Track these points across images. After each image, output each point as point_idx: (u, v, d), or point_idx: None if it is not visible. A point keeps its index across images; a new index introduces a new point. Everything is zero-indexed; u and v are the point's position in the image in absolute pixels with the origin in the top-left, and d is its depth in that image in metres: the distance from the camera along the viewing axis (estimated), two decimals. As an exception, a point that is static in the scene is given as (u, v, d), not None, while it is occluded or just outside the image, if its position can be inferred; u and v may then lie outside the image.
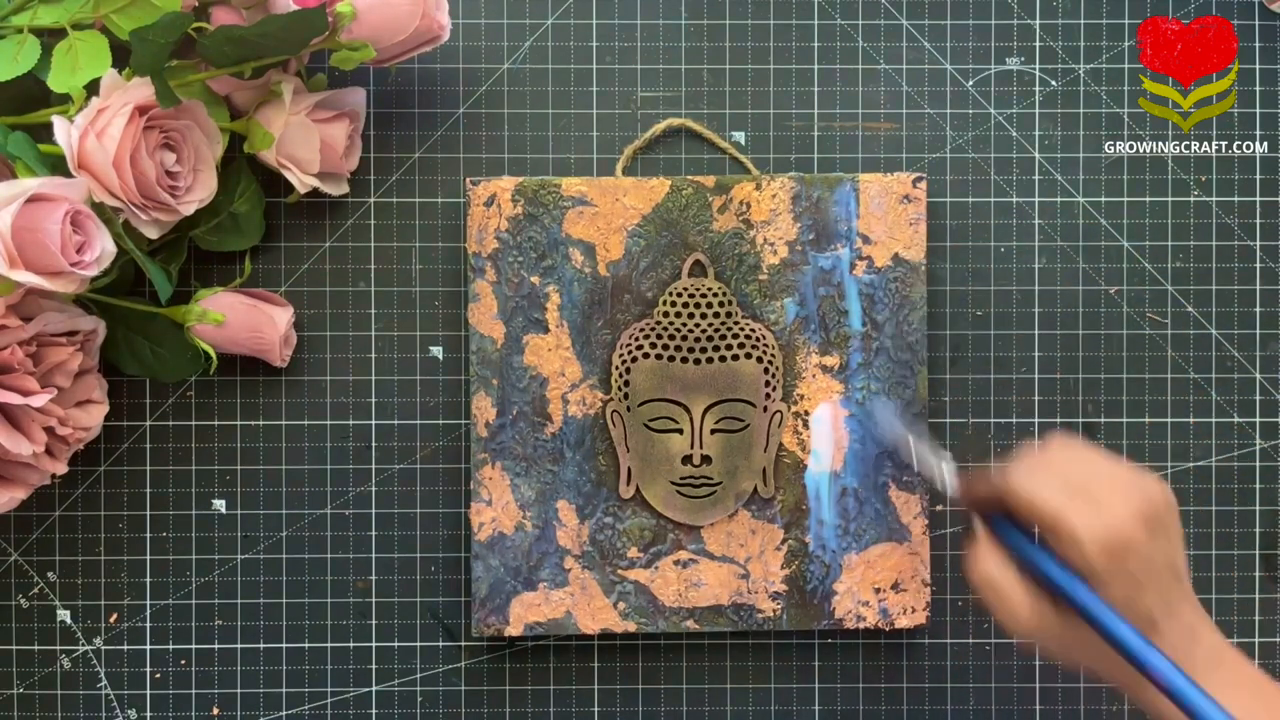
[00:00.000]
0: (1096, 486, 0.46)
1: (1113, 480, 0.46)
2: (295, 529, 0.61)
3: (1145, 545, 0.45)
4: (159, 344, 0.59)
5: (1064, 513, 0.45)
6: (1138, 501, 0.45)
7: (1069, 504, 0.45)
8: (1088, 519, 0.45)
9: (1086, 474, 0.46)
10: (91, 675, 0.61)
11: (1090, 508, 0.45)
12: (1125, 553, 0.44)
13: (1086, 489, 0.46)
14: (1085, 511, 0.45)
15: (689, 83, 0.61)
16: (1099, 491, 0.45)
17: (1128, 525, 0.45)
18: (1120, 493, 0.45)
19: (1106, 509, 0.45)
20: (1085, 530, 0.44)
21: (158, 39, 0.50)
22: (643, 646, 0.62)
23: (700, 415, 0.58)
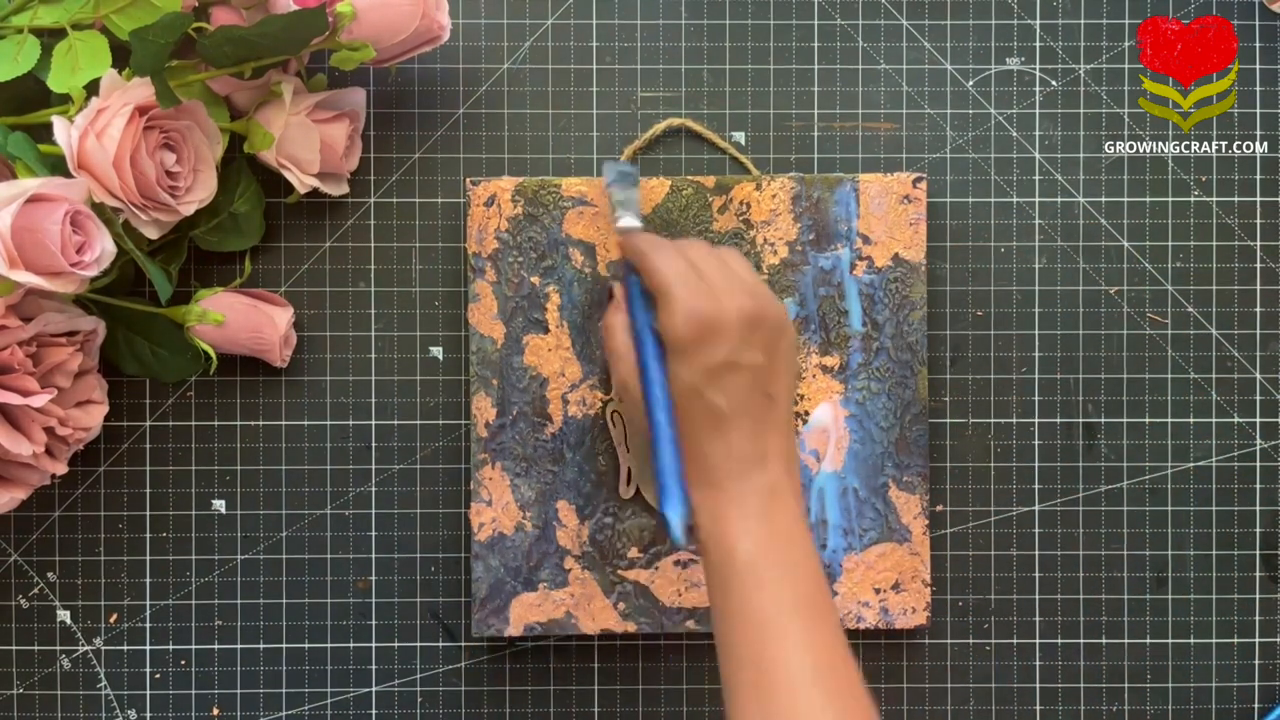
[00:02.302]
0: (717, 278, 0.47)
1: (737, 281, 0.47)
2: (295, 529, 0.61)
3: (735, 344, 0.46)
4: (159, 344, 0.59)
5: (672, 282, 0.46)
6: (748, 304, 0.46)
7: (681, 278, 0.46)
8: (691, 294, 0.46)
9: (716, 267, 0.48)
10: (91, 675, 0.61)
11: (700, 288, 0.46)
12: (712, 337, 0.45)
13: (707, 275, 0.47)
14: (693, 289, 0.46)
15: (689, 83, 0.61)
16: (717, 282, 0.47)
17: (725, 315, 0.46)
18: (736, 291, 0.47)
19: (710, 293, 0.46)
20: (682, 302, 0.46)
21: (158, 39, 0.50)
22: (643, 647, 0.62)
23: (700, 415, 0.58)
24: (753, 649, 0.44)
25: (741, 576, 0.44)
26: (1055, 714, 0.62)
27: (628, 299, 0.50)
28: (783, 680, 0.43)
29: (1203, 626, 0.62)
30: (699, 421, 0.46)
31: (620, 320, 0.49)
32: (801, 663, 0.43)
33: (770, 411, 0.47)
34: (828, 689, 0.43)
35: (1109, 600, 0.62)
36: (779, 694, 0.43)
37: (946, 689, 0.62)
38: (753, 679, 0.43)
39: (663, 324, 0.46)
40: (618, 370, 0.49)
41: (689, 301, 0.46)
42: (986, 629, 0.62)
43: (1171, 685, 0.62)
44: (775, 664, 0.43)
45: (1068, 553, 0.62)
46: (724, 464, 0.46)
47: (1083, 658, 0.62)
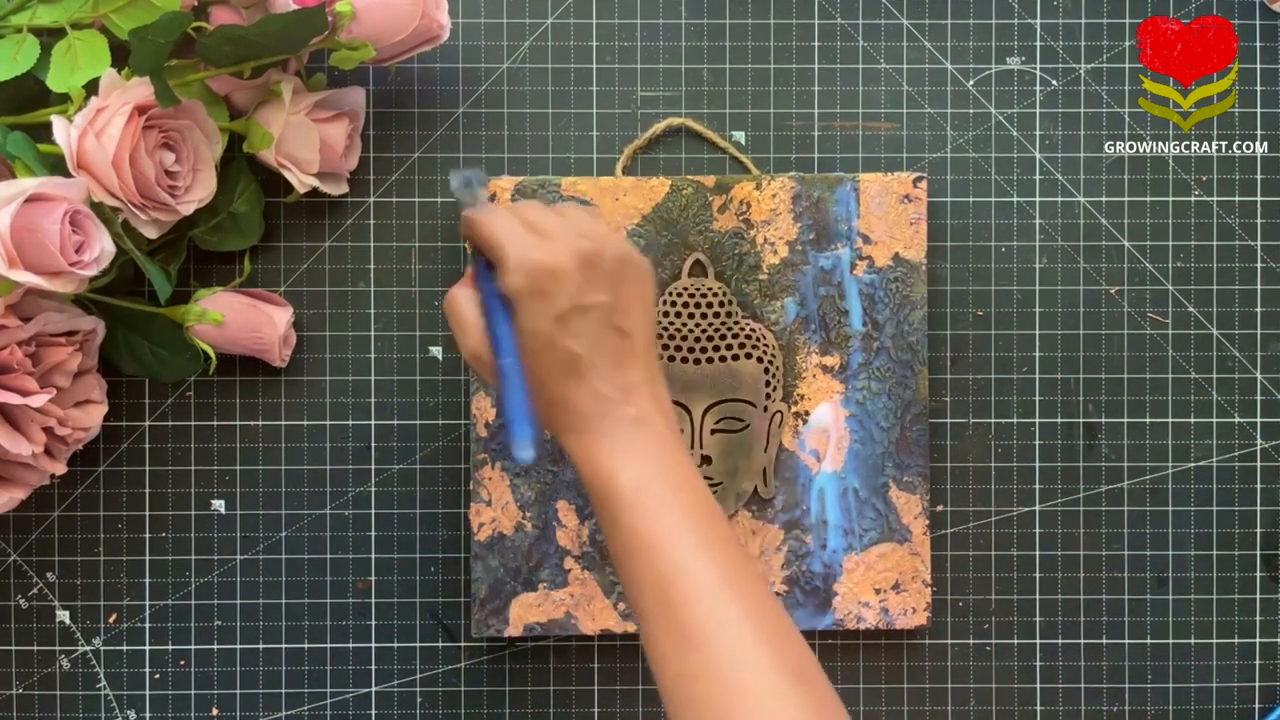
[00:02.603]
0: (551, 228, 0.47)
1: (570, 227, 0.47)
2: (295, 529, 0.61)
3: (576, 286, 0.46)
4: (158, 344, 0.59)
5: (505, 240, 0.46)
6: (583, 245, 0.46)
7: (514, 235, 0.46)
8: (524, 247, 0.46)
9: (550, 219, 0.48)
10: (91, 676, 0.61)
11: (531, 240, 0.46)
12: (551, 283, 0.45)
13: (539, 227, 0.47)
14: (525, 243, 0.46)
15: (689, 83, 0.61)
16: (550, 231, 0.47)
17: (559, 259, 0.46)
18: (570, 236, 0.47)
19: (544, 244, 0.46)
20: (515, 256, 0.46)
21: (157, 39, 0.50)
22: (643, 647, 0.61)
23: (700, 415, 0.58)
24: (652, 572, 0.44)
25: (627, 506, 0.45)
26: (1055, 714, 0.62)
27: (475, 275, 0.49)
28: (687, 594, 0.43)
29: (1203, 626, 0.62)
30: (556, 370, 0.46)
31: (465, 294, 0.49)
32: (703, 572, 0.43)
33: (626, 347, 0.47)
34: (734, 593, 0.43)
35: (1109, 600, 0.62)
36: (686, 608, 0.43)
37: (946, 689, 0.62)
38: (656, 600, 0.43)
39: (504, 283, 0.46)
40: (466, 344, 0.48)
41: (523, 254, 0.46)
42: (986, 629, 0.62)
43: (1171, 685, 0.62)
44: (676, 580, 0.43)
45: (1068, 553, 0.62)
46: (588, 406, 0.46)
47: (1083, 658, 0.62)
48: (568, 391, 0.46)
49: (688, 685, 0.42)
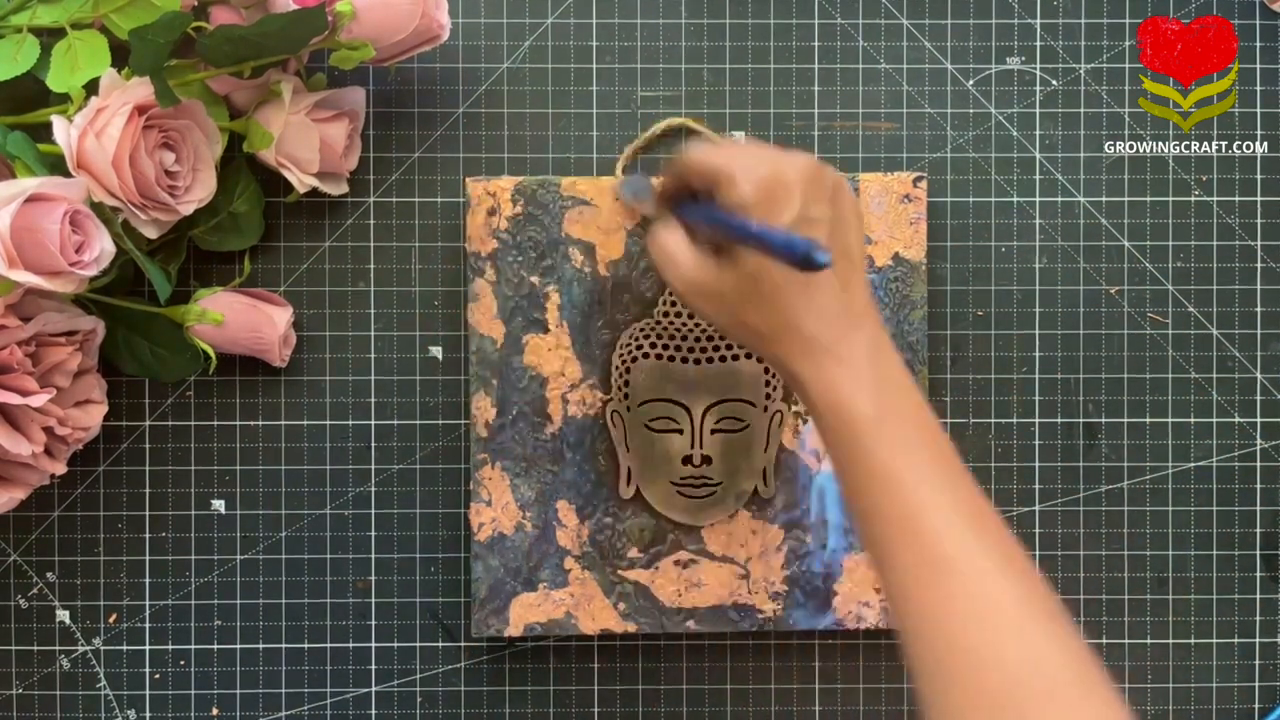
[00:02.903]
0: (764, 150, 0.48)
1: (784, 153, 0.47)
2: (295, 529, 0.61)
3: (803, 199, 0.46)
4: (158, 344, 0.59)
5: (726, 162, 0.47)
6: (803, 161, 0.46)
7: (737, 155, 0.47)
8: (749, 164, 0.46)
9: (757, 145, 0.49)
10: (91, 676, 0.61)
11: (754, 157, 0.46)
12: (781, 193, 0.45)
13: (753, 150, 0.48)
14: (749, 159, 0.46)
15: (689, 83, 0.61)
16: (766, 152, 0.47)
17: (786, 173, 0.46)
18: (787, 154, 0.47)
19: (768, 159, 0.46)
20: (742, 171, 0.46)
21: (157, 38, 0.50)
22: (643, 647, 0.61)
23: (700, 415, 0.58)
24: (897, 504, 0.44)
25: (869, 435, 0.44)
26: (1055, 714, 0.62)
27: (684, 217, 0.49)
28: (936, 526, 0.43)
29: (1203, 626, 0.62)
30: (782, 288, 0.45)
31: (665, 231, 0.49)
32: (947, 507, 0.43)
33: (848, 267, 0.47)
34: (978, 530, 0.43)
35: (1109, 600, 0.62)
36: (929, 540, 0.43)
37: (946, 689, 0.62)
38: (901, 531, 0.43)
39: (729, 199, 0.46)
40: (680, 274, 0.48)
41: (750, 170, 0.46)
42: (986, 629, 0.62)
43: (1171, 685, 0.62)
44: (923, 513, 0.43)
45: (1068, 553, 0.62)
46: (818, 326, 0.45)
47: (1083, 658, 0.62)
48: (795, 310, 0.45)
49: (940, 607, 0.42)
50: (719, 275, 0.47)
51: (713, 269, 0.47)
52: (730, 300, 0.47)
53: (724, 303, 0.47)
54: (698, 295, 0.48)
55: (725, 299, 0.47)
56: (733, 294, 0.47)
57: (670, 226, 0.49)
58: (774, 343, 0.46)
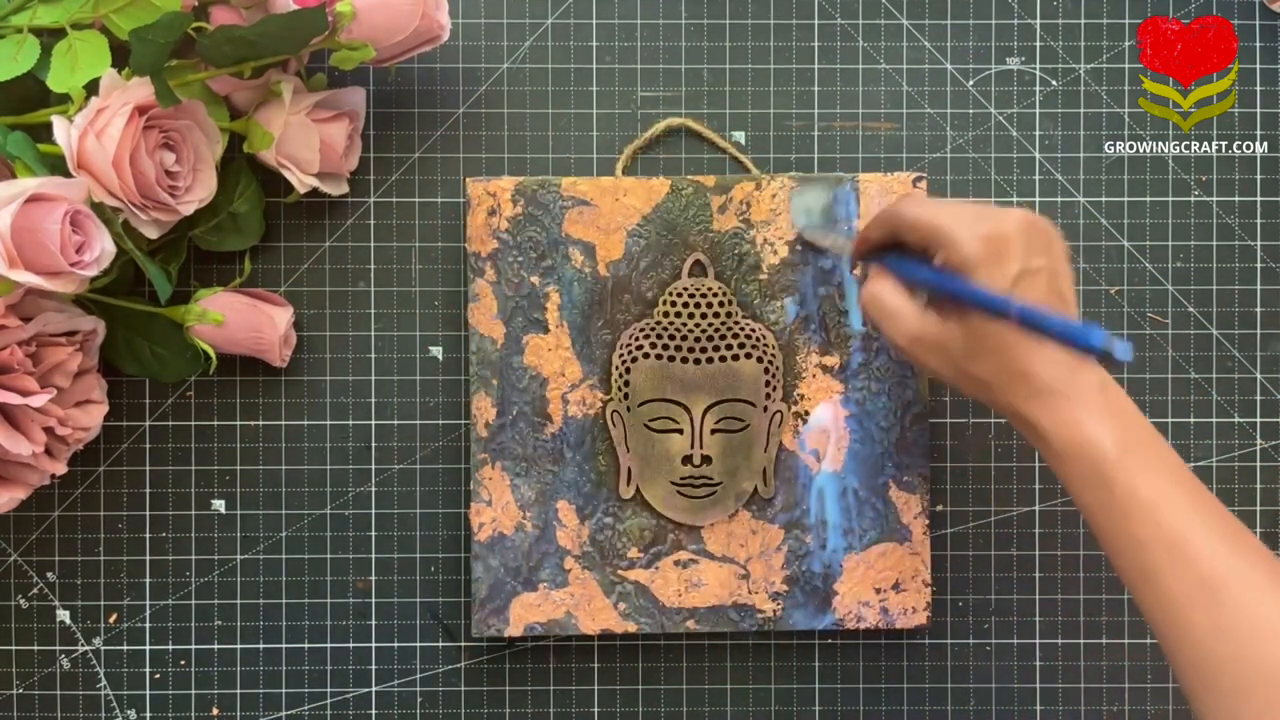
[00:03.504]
0: (976, 207, 0.48)
1: (997, 208, 0.48)
2: (295, 529, 0.61)
3: (1023, 250, 0.46)
4: (159, 344, 0.59)
5: (942, 218, 0.48)
6: (1018, 214, 0.47)
7: (954, 213, 0.48)
8: (965, 221, 0.47)
9: (968, 203, 0.50)
10: (91, 675, 0.61)
11: (971, 214, 0.48)
12: (1003, 249, 0.46)
13: (967, 208, 0.49)
14: (968, 216, 0.47)
15: (689, 83, 0.61)
16: (979, 209, 0.48)
17: (1005, 227, 0.47)
18: (1001, 209, 0.48)
19: (985, 216, 0.47)
20: (963, 228, 0.47)
21: (157, 39, 0.50)
22: (643, 647, 0.61)
23: (700, 415, 0.58)
24: (1156, 533, 0.45)
25: (1114, 470, 0.45)
26: (1055, 714, 0.62)
27: (902, 272, 0.50)
28: (1199, 551, 0.44)
29: (1203, 626, 0.62)
30: (1006, 336, 0.46)
31: (882, 286, 0.50)
32: (1207, 529, 0.45)
33: (1070, 308, 0.48)
34: (1240, 548, 0.45)
35: (1109, 600, 0.62)
36: (1200, 565, 0.44)
37: (946, 689, 0.62)
38: (1166, 562, 0.44)
39: (952, 258, 0.47)
40: (901, 328, 0.49)
41: (971, 226, 0.47)
42: (986, 629, 0.62)
43: (1171, 685, 0.62)
44: (1188, 538, 0.44)
45: (1068, 553, 0.62)
46: (1047, 370, 0.46)
47: (1083, 658, 0.62)
48: (1025, 359, 0.46)
49: (1222, 625, 0.43)
50: (943, 329, 0.48)
51: (936, 323, 0.48)
52: (955, 354, 0.48)
53: (949, 356, 0.48)
54: (921, 349, 0.49)
55: (950, 353, 0.48)
56: (959, 348, 0.47)
57: (884, 278, 0.50)
58: (1004, 391, 0.47)
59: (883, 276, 0.50)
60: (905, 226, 0.49)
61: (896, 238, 0.50)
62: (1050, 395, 0.46)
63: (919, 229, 0.49)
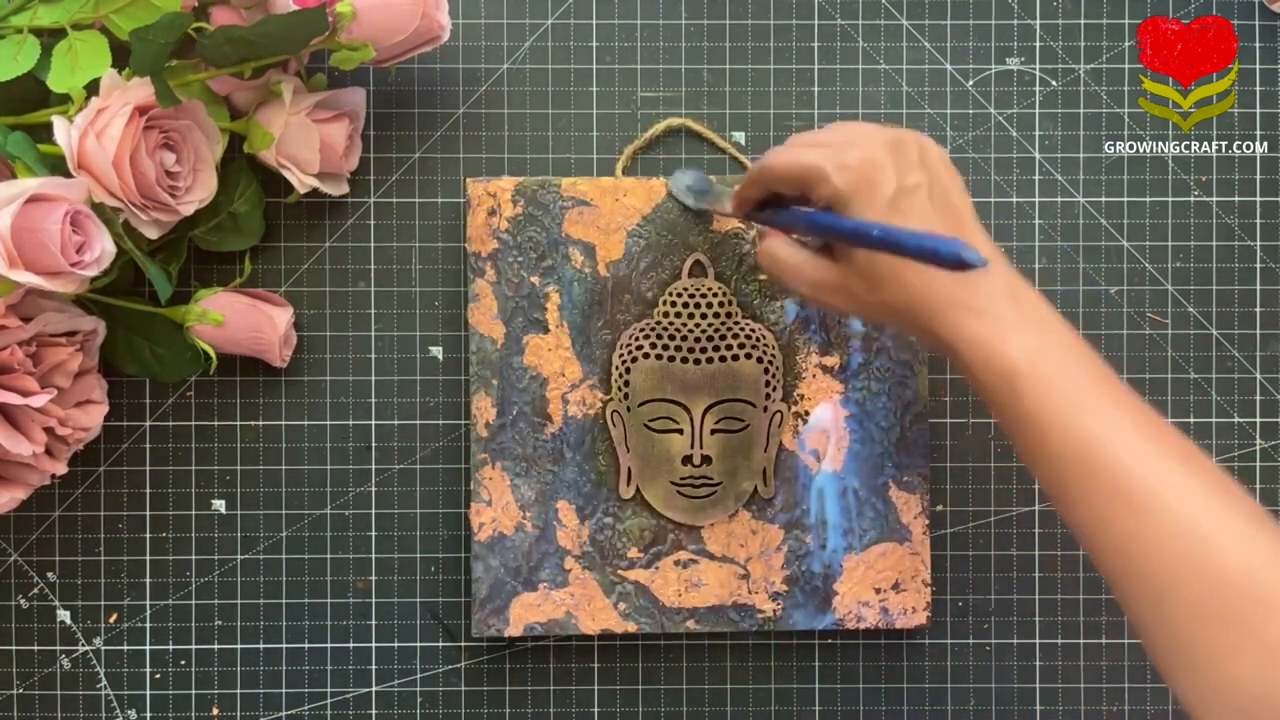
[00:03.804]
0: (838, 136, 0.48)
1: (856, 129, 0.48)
2: (295, 529, 0.61)
3: (895, 170, 0.46)
4: (159, 344, 0.59)
5: (806, 158, 0.47)
6: (881, 133, 0.47)
7: (816, 149, 0.47)
8: (833, 153, 0.46)
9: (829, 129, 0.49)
10: (91, 675, 0.61)
11: (833, 146, 0.47)
12: (873, 173, 0.45)
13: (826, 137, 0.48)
14: (831, 149, 0.47)
15: (689, 83, 0.61)
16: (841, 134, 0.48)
17: (870, 149, 0.46)
18: (864, 130, 0.47)
19: (847, 143, 0.47)
20: (831, 161, 0.46)
21: (158, 39, 0.50)
22: (643, 647, 0.62)
23: (700, 415, 0.58)
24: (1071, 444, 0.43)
25: (1027, 381, 0.43)
26: (1055, 714, 0.62)
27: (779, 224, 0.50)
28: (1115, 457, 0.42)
29: (1203, 626, 0.62)
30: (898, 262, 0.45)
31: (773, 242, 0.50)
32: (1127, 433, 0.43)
33: (960, 221, 0.47)
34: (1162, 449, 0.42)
35: (1109, 600, 0.62)
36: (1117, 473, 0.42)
37: (946, 689, 0.62)
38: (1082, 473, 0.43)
39: (825, 194, 0.46)
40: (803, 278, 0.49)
41: (838, 157, 0.46)
42: (986, 629, 0.62)
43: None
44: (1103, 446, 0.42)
45: (1068, 553, 0.62)
46: (947, 285, 0.45)
47: (1083, 658, 0.62)
48: (921, 277, 0.45)
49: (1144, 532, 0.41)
50: (838, 270, 0.48)
51: (829, 266, 0.48)
52: (858, 289, 0.47)
53: (853, 293, 0.48)
54: (826, 294, 0.49)
55: (853, 290, 0.48)
56: (858, 283, 0.47)
57: (774, 236, 0.50)
58: (914, 313, 0.46)
59: (773, 233, 0.50)
60: (775, 178, 0.49)
61: (772, 190, 0.50)
62: (956, 310, 0.45)
63: (789, 177, 0.48)
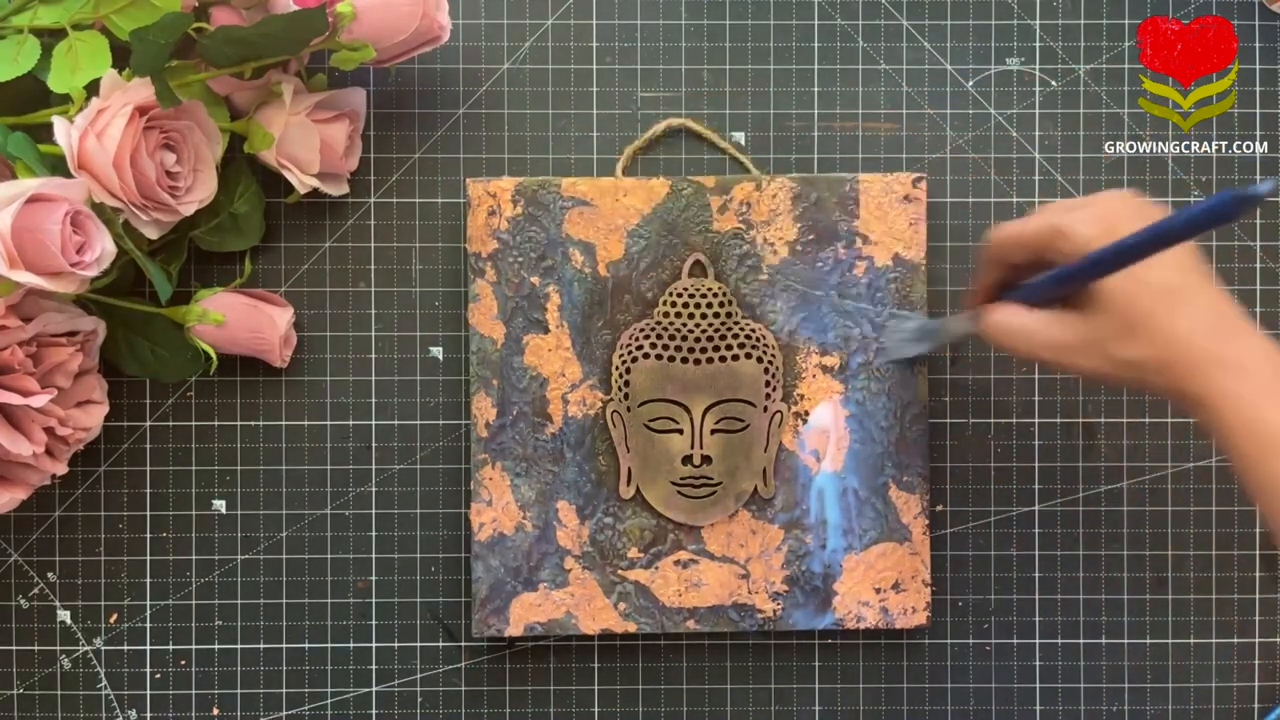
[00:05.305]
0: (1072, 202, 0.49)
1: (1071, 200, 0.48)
2: (295, 529, 0.61)
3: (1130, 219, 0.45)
4: (159, 344, 0.59)
5: (1047, 218, 0.47)
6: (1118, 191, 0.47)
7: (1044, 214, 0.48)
8: (1062, 211, 0.47)
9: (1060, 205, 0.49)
10: (91, 675, 0.61)
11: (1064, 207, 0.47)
12: (1113, 221, 0.45)
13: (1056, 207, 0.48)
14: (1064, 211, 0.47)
15: (689, 83, 0.61)
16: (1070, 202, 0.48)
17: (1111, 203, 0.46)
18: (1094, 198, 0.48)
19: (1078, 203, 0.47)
20: (1062, 216, 0.46)
21: (158, 39, 0.50)
22: (643, 647, 0.62)
23: (700, 415, 0.58)
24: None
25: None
26: (1055, 714, 0.62)
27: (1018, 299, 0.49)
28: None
29: (1203, 626, 0.62)
30: (1155, 305, 0.44)
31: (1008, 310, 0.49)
32: None
33: (1206, 274, 0.46)
34: None
35: (1109, 600, 0.62)
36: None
37: (946, 689, 0.62)
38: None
39: (1071, 248, 0.46)
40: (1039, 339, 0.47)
41: (1078, 213, 0.46)
42: (986, 629, 0.62)
43: (1171, 685, 0.62)
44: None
45: (1068, 553, 0.62)
46: (1204, 337, 0.44)
47: (1083, 658, 0.62)
48: (1175, 326, 0.44)
49: None
50: (1087, 324, 0.46)
51: (1077, 321, 0.46)
52: (1104, 343, 0.46)
53: (1098, 348, 0.46)
54: (1068, 353, 0.47)
55: (1098, 344, 0.46)
56: (1105, 335, 0.46)
57: (997, 306, 0.49)
58: (1164, 370, 0.45)
59: (995, 306, 0.49)
60: (1011, 246, 0.48)
61: (1008, 265, 0.49)
62: (1214, 367, 0.44)
63: (1025, 243, 0.47)
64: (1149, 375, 0.45)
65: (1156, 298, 0.44)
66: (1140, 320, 0.45)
